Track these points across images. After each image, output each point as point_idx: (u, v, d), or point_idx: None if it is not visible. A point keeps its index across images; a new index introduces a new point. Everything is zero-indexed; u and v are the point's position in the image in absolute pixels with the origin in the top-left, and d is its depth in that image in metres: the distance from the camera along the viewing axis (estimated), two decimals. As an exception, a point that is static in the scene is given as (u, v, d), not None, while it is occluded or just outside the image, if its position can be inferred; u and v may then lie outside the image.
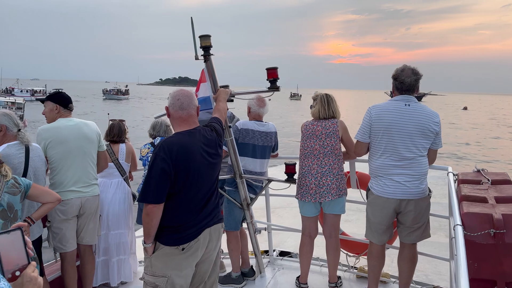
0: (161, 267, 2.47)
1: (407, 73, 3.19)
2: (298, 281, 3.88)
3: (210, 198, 2.62)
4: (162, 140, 2.51)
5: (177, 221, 2.46)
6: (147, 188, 2.38)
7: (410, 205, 3.20)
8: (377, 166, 3.27)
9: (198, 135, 2.56)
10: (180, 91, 2.63)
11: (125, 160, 4.03)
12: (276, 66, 3.30)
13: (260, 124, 3.89)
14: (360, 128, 3.35)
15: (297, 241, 4.20)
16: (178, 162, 2.39)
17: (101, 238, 3.85)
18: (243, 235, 4.13)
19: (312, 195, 3.59)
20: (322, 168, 3.56)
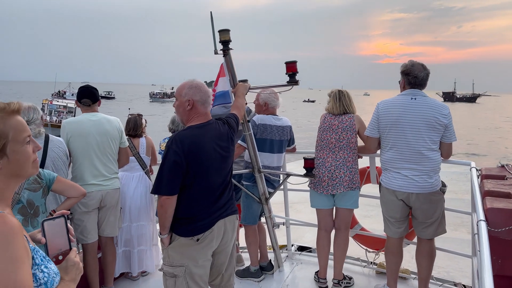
0: (178, 258, 2.53)
1: (419, 68, 3.21)
2: (317, 276, 3.88)
3: (224, 190, 2.66)
4: (175, 133, 2.54)
5: (191, 212, 2.51)
6: (160, 180, 2.42)
7: (419, 199, 3.18)
8: (386, 160, 3.30)
9: (210, 128, 2.60)
10: (202, 86, 2.61)
11: (145, 154, 4.09)
12: (295, 60, 3.29)
13: (277, 119, 3.89)
14: (369, 124, 3.39)
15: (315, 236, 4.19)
16: (190, 155, 2.43)
17: (123, 229, 3.93)
18: (261, 229, 4.14)
19: (324, 187, 3.60)
20: (336, 161, 3.57)
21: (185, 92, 2.56)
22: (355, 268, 4.13)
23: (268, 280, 3.99)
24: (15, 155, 1.28)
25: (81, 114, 3.64)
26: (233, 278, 2.89)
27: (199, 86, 2.59)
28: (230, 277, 2.86)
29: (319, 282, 3.82)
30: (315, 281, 3.88)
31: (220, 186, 2.63)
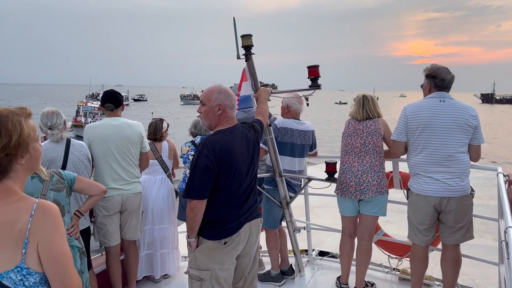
0: (205, 261, 2.54)
1: (444, 70, 3.19)
2: (338, 281, 3.84)
3: (250, 194, 2.68)
4: (205, 138, 2.54)
5: (219, 216, 2.53)
6: (192, 185, 2.44)
7: (451, 204, 3.11)
8: (415, 164, 3.23)
9: (238, 133, 2.61)
10: (229, 90, 2.64)
11: (168, 157, 4.14)
12: (317, 64, 3.29)
13: (299, 123, 3.88)
14: (396, 128, 3.33)
15: (336, 241, 4.16)
16: (221, 160, 2.44)
17: (146, 232, 3.98)
18: (282, 234, 4.13)
19: (352, 192, 3.55)
20: (363, 166, 3.52)
21: (215, 97, 2.58)
22: (377, 274, 4.08)
23: (289, 285, 3.97)
24: (34, 152, 1.51)
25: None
26: (255, 281, 2.90)
27: (227, 91, 2.62)
28: (253, 280, 2.87)
29: (340, 287, 3.78)
30: (336, 287, 3.85)
31: (247, 189, 2.65)
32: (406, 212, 3.44)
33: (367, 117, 3.57)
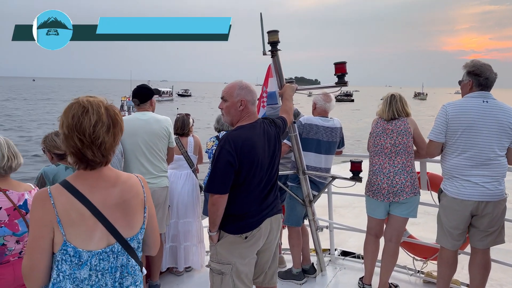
0: (226, 255, 2.57)
1: (489, 68, 3.04)
2: (361, 282, 3.79)
3: (271, 189, 2.69)
4: (227, 133, 2.56)
5: (240, 210, 2.55)
6: (213, 179, 2.47)
7: (488, 208, 3.00)
8: (452, 167, 3.09)
9: (259, 129, 2.62)
10: (251, 86, 2.66)
11: (193, 153, 4.19)
12: (344, 61, 3.25)
13: (325, 120, 3.84)
14: (434, 127, 3.18)
15: (359, 241, 4.11)
16: (242, 155, 2.45)
17: (171, 225, 4.05)
18: (305, 232, 4.11)
19: (384, 195, 3.47)
20: (395, 167, 3.44)
21: (237, 93, 2.60)
22: (401, 276, 4.00)
23: (310, 284, 3.95)
24: None
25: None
26: (275, 276, 2.91)
27: (248, 86, 2.64)
28: (273, 276, 2.88)
29: (363, 288, 3.74)
30: (359, 287, 3.80)
31: (268, 185, 2.66)
32: (432, 214, 3.37)
33: (393, 116, 3.50)
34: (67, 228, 1.50)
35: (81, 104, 1.56)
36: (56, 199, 1.50)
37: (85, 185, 1.58)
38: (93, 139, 1.55)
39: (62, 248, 1.50)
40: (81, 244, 1.53)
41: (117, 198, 1.65)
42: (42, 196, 1.51)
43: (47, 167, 2.88)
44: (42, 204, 1.50)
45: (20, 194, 2.50)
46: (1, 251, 2.47)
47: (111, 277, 1.62)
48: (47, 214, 1.48)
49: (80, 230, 1.53)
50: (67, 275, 1.51)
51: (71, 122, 1.54)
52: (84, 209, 1.54)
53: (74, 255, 1.52)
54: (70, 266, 1.51)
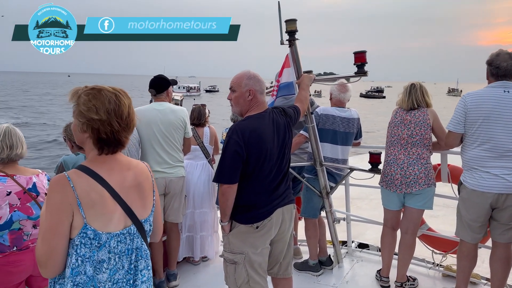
0: (238, 245, 2.58)
1: (504, 57, 2.94)
2: (379, 274, 3.75)
3: (282, 179, 2.67)
4: (235, 124, 2.57)
5: (251, 200, 2.56)
6: (222, 170, 2.48)
7: (508, 201, 2.91)
8: (472, 158, 3.01)
9: (268, 118, 2.61)
10: (258, 76, 2.63)
11: (209, 143, 4.19)
12: (364, 50, 3.17)
13: (341, 110, 3.78)
14: (453, 118, 3.10)
15: (377, 233, 4.06)
16: (250, 145, 2.45)
17: (187, 215, 4.07)
18: (321, 224, 4.08)
19: (397, 185, 3.42)
20: (409, 158, 3.37)
21: (245, 83, 2.59)
22: (419, 269, 3.95)
23: (327, 275, 3.92)
24: None
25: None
26: (291, 267, 2.90)
27: (256, 76, 2.63)
28: (288, 266, 2.87)
29: (381, 280, 3.69)
30: (376, 279, 3.76)
31: (279, 175, 2.64)
32: (452, 206, 3.29)
33: (412, 106, 3.42)
34: (87, 211, 1.51)
35: (111, 90, 1.61)
36: (75, 182, 1.50)
37: (103, 168, 1.60)
38: (128, 121, 1.63)
39: (81, 231, 1.50)
40: (101, 226, 1.54)
41: (133, 181, 1.69)
42: (61, 180, 1.50)
43: (66, 156, 2.92)
44: (62, 188, 1.49)
45: (28, 178, 2.59)
46: (19, 236, 2.54)
47: (127, 259, 1.64)
48: (67, 198, 1.48)
49: (100, 212, 1.54)
50: (86, 258, 1.52)
51: (109, 107, 1.57)
52: (104, 190, 1.56)
53: (94, 238, 1.52)
54: (90, 249, 1.52)
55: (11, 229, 2.49)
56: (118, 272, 1.60)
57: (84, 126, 1.57)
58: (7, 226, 2.48)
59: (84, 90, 1.60)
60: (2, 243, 2.50)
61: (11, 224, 2.49)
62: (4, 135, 2.51)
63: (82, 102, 1.57)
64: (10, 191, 2.48)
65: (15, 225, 2.50)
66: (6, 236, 2.49)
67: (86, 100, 1.57)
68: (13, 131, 2.56)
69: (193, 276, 4.03)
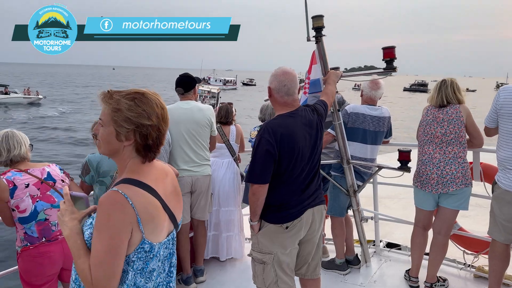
0: (267, 245, 2.57)
1: None
2: (408, 275, 3.68)
3: (313, 179, 2.64)
4: (266, 122, 2.55)
5: (281, 200, 2.53)
6: (253, 169, 2.46)
7: None
8: (505, 158, 2.91)
9: (300, 117, 2.57)
10: (285, 74, 2.59)
11: (235, 141, 4.20)
12: (393, 45, 3.12)
13: (372, 108, 3.70)
14: (488, 112, 3.03)
15: (406, 233, 3.99)
16: (282, 144, 2.43)
17: (213, 214, 4.09)
18: (348, 222, 4.03)
19: (433, 185, 3.32)
20: (446, 157, 3.27)
21: (270, 80, 2.61)
22: (450, 269, 3.85)
23: (354, 274, 3.88)
24: None
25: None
26: (319, 268, 2.88)
27: (277, 73, 2.60)
28: (316, 267, 2.85)
29: (410, 280, 3.62)
30: (405, 280, 3.69)
31: (310, 174, 2.61)
32: (483, 206, 3.20)
33: (441, 103, 3.33)
34: (146, 226, 1.44)
35: (152, 93, 1.54)
36: (133, 199, 1.42)
37: (150, 178, 1.53)
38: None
39: (139, 246, 1.44)
40: (155, 238, 1.49)
41: (171, 186, 1.65)
42: (118, 199, 1.40)
43: (91, 154, 3.00)
44: (122, 208, 1.39)
45: (41, 169, 2.74)
46: (47, 227, 2.65)
47: (168, 263, 1.62)
48: (128, 217, 1.40)
49: (155, 224, 1.49)
50: (139, 271, 1.48)
51: (158, 111, 1.51)
52: (157, 202, 1.50)
53: (149, 250, 1.48)
54: (144, 261, 1.48)
55: (38, 220, 2.63)
56: (160, 276, 1.58)
57: (131, 134, 1.47)
58: (33, 217, 2.61)
59: (125, 95, 1.49)
60: (31, 235, 2.62)
61: (37, 215, 2.62)
62: (2, 140, 2.66)
63: (127, 107, 1.46)
64: (28, 183, 2.62)
65: (40, 216, 2.63)
66: (33, 227, 2.62)
67: (132, 105, 1.47)
68: (10, 135, 2.69)
69: (220, 272, 4.06)
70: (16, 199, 2.56)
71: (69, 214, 1.51)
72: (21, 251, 2.65)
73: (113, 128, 1.47)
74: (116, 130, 1.47)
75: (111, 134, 1.48)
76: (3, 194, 2.54)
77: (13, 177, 2.59)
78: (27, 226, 2.61)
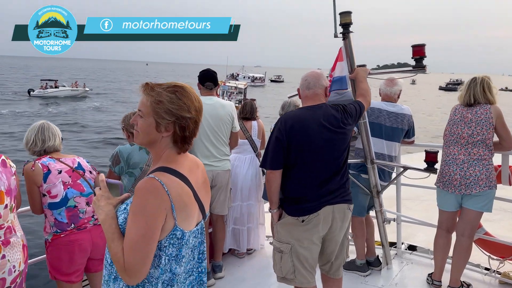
0: (284, 235, 2.65)
1: None
2: (430, 278, 3.60)
3: (335, 176, 2.62)
4: (283, 114, 2.66)
5: (297, 192, 2.60)
6: (266, 155, 2.63)
7: None
8: None
9: (318, 111, 2.61)
10: (310, 72, 2.77)
11: (257, 137, 4.20)
12: (423, 43, 3.04)
13: (390, 104, 3.67)
14: None
15: (428, 236, 3.91)
16: (291, 134, 2.53)
17: (234, 208, 4.12)
18: (370, 223, 3.97)
19: (456, 186, 3.24)
20: (470, 158, 3.19)
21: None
22: (474, 274, 3.76)
23: (375, 276, 3.82)
24: None
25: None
26: (341, 269, 2.86)
27: (309, 73, 2.78)
28: (339, 268, 2.84)
29: (432, 284, 3.54)
30: (427, 283, 3.62)
31: (329, 170, 2.60)
32: (508, 211, 3.12)
33: (469, 101, 3.23)
34: (179, 213, 1.49)
35: (189, 87, 1.59)
36: (169, 186, 1.46)
37: (184, 168, 1.58)
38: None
39: (171, 233, 1.49)
40: (186, 225, 1.54)
41: (201, 177, 1.69)
42: (154, 186, 1.44)
43: (122, 146, 3.04)
44: (157, 194, 1.43)
45: (72, 159, 2.85)
46: (75, 214, 2.73)
47: (197, 250, 1.66)
48: (163, 203, 1.44)
49: (187, 213, 1.54)
50: (173, 257, 1.52)
51: (196, 104, 1.57)
52: (190, 191, 1.55)
53: (181, 238, 1.52)
54: (177, 248, 1.52)
55: (68, 206, 2.70)
56: (190, 263, 1.63)
57: (170, 125, 1.52)
58: (64, 203, 2.69)
59: (166, 87, 1.53)
60: (60, 220, 2.69)
61: (67, 201, 2.70)
62: (38, 130, 2.76)
63: (169, 100, 1.50)
64: (60, 170, 2.72)
65: (70, 202, 2.71)
66: (63, 213, 2.68)
67: (174, 98, 1.51)
68: (46, 127, 2.80)
69: (238, 268, 4.05)
70: (49, 184, 2.65)
71: (105, 200, 1.55)
72: (52, 240, 2.70)
73: (153, 119, 1.51)
74: (156, 121, 1.51)
75: (151, 125, 1.52)
76: (37, 177, 2.64)
77: (48, 162, 2.69)
78: (56, 212, 2.68)
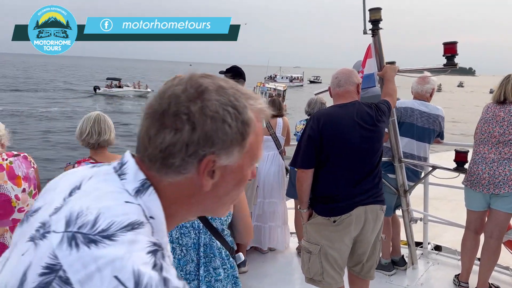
0: (314, 235, 2.61)
1: None
2: (457, 279, 3.53)
3: (368, 175, 2.57)
4: (316, 111, 2.65)
5: (329, 191, 2.55)
6: (297, 154, 2.59)
7: None
8: None
9: (351, 108, 2.57)
10: (340, 69, 2.73)
11: (281, 134, 4.18)
12: (455, 41, 2.97)
13: (422, 104, 3.59)
14: None
15: (455, 236, 3.83)
16: (324, 131, 2.48)
17: (257, 205, 4.11)
18: (396, 222, 3.91)
19: (484, 185, 3.16)
20: (501, 157, 3.10)
21: None
22: (503, 277, 3.67)
23: (400, 276, 3.77)
24: None
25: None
26: (373, 271, 2.82)
27: (340, 70, 2.72)
28: (371, 269, 2.80)
29: (459, 286, 3.47)
30: (454, 284, 3.55)
31: (362, 169, 2.55)
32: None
33: (499, 99, 3.13)
34: None
35: None
36: None
37: None
38: None
39: None
40: None
41: None
42: None
43: None
44: None
45: None
46: None
47: (195, 253, 1.66)
48: None
49: None
50: None
51: None
52: None
53: None
54: None
55: None
56: (188, 264, 1.63)
57: None
58: None
59: None
60: None
61: None
62: (94, 121, 2.55)
63: None
64: None
65: None
66: None
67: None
68: (102, 118, 2.59)
69: (261, 264, 4.06)
70: None
71: None
72: None
73: None
74: None
75: None
76: None
77: None
78: None
